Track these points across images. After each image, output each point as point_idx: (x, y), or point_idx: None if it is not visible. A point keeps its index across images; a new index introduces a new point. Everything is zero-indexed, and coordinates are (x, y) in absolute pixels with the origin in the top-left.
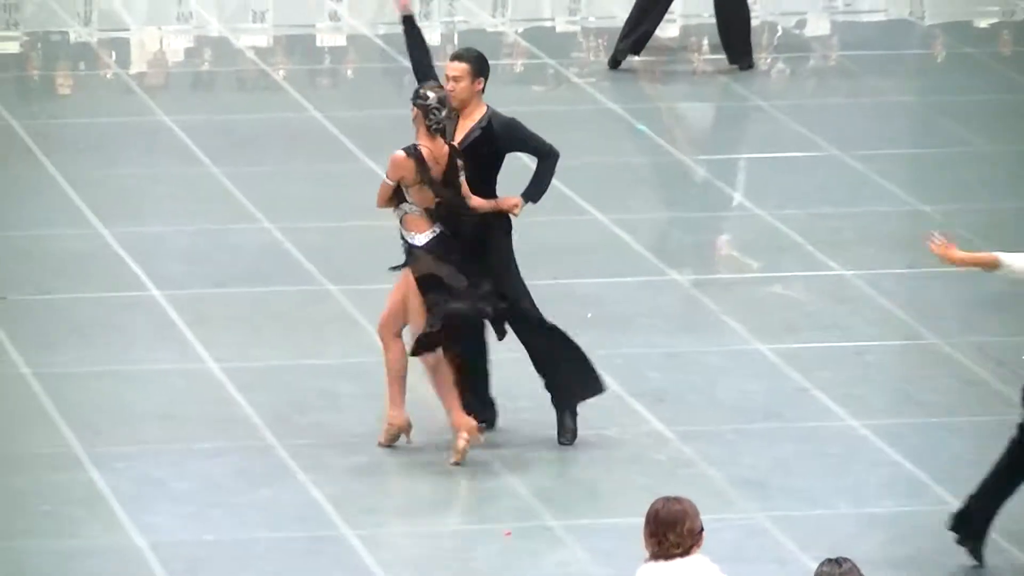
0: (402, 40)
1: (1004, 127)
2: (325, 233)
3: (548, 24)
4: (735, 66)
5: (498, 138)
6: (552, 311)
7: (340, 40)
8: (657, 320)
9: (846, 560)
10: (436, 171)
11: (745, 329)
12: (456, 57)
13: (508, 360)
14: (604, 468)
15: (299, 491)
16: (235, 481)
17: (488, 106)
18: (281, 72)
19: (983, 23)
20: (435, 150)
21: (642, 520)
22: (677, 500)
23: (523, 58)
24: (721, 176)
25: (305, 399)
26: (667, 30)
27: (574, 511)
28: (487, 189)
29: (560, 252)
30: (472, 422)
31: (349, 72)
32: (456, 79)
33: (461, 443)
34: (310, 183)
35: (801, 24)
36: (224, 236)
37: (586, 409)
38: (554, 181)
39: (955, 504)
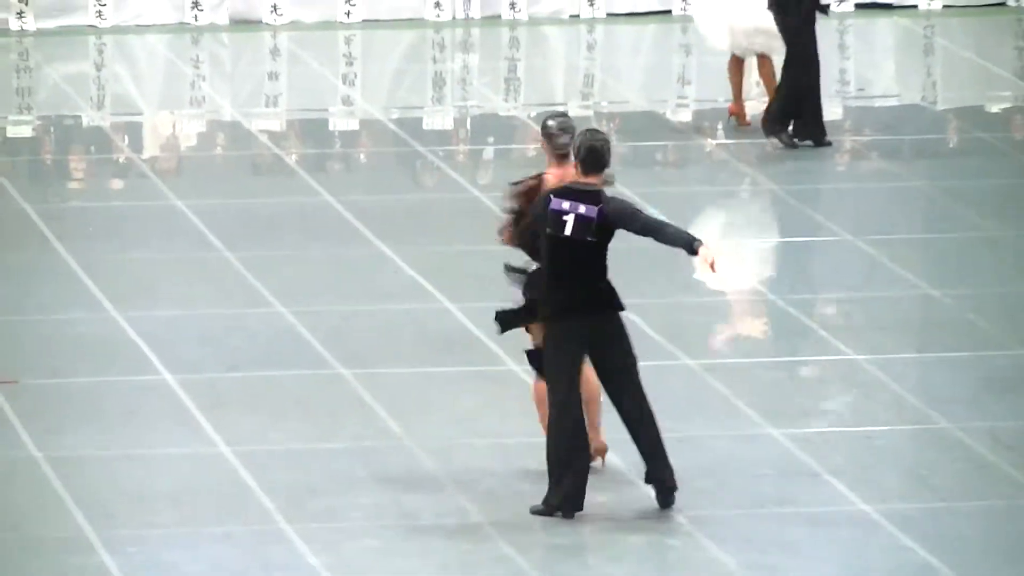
0: (415, 124)
1: (1017, 212)
2: (338, 317)
3: (561, 108)
4: (807, 142)
5: None
6: None
7: (353, 124)
8: (668, 404)
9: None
10: None
11: (756, 413)
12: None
13: (521, 445)
14: (617, 553)
15: (310, 573)
16: (247, 565)
17: None
18: (294, 156)
19: (995, 108)
20: (563, 176)
21: None
22: None
23: (536, 142)
24: (733, 259)
25: (318, 483)
26: (680, 114)
27: None
28: None
29: None
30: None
31: (362, 156)
32: None
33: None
34: (323, 267)
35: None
36: (237, 320)
37: (598, 493)
38: None
39: None
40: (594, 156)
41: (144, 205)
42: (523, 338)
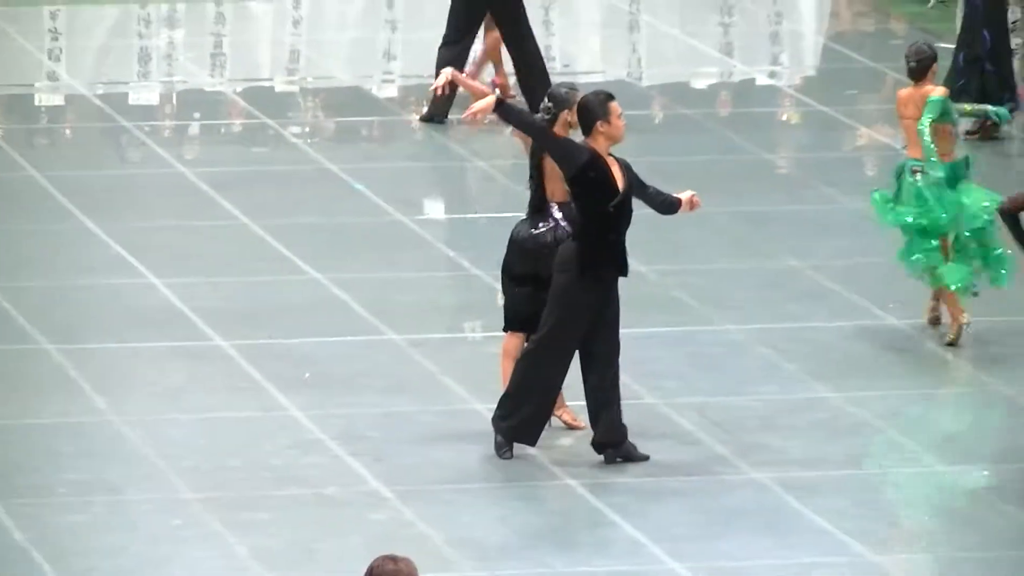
0: (120, 99)
1: (721, 188)
2: (43, 292)
3: (267, 84)
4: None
5: None
6: (269, 370)
7: (58, 99)
8: (374, 379)
9: (404, 558)
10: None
11: (463, 388)
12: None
13: (226, 420)
14: (323, 528)
15: (17, 550)
16: None
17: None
18: None
19: (700, 84)
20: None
21: None
22: (393, 559)
23: (241, 118)
24: (439, 236)
25: (23, 459)
26: (385, 90)
27: (293, 571)
28: None
29: (278, 311)
30: None
31: (68, 131)
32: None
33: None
34: (26, 241)
35: (516, 86)
36: None
37: (304, 469)
38: (273, 241)
39: (666, 564)
40: (583, 114)
41: None
42: (220, 316)
